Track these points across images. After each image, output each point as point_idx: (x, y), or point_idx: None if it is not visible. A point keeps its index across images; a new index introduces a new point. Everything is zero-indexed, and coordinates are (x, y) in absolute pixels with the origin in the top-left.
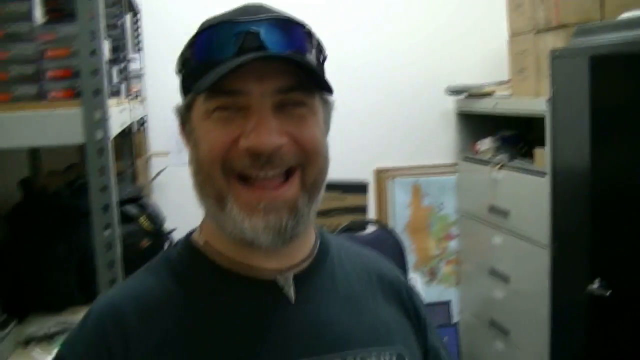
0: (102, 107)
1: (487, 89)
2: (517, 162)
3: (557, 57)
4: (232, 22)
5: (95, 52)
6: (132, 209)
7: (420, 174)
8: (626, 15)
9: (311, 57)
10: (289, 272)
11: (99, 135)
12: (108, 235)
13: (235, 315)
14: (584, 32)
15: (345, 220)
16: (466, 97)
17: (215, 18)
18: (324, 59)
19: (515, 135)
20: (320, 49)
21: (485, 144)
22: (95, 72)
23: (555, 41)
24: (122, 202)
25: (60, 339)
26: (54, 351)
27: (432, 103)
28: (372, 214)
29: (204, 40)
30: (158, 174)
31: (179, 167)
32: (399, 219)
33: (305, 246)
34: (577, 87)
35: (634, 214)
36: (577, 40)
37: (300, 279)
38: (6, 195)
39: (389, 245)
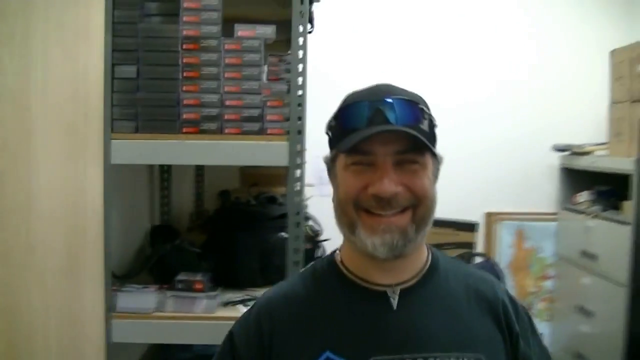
0: (302, 142)
1: (587, 148)
2: (608, 213)
3: None
4: (366, 101)
5: (301, 105)
6: None
7: (524, 219)
8: None
9: (424, 126)
10: (397, 287)
11: (298, 161)
12: (298, 230)
13: (350, 313)
14: None
15: (456, 253)
16: (569, 154)
17: (354, 96)
18: (434, 127)
19: (610, 190)
20: (431, 120)
21: (584, 197)
22: (300, 118)
23: None
24: None
25: (249, 304)
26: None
27: (539, 157)
28: (480, 250)
29: (345, 114)
30: (307, 199)
31: (319, 198)
32: (503, 257)
33: (415, 266)
34: None
35: None
36: None
37: (406, 292)
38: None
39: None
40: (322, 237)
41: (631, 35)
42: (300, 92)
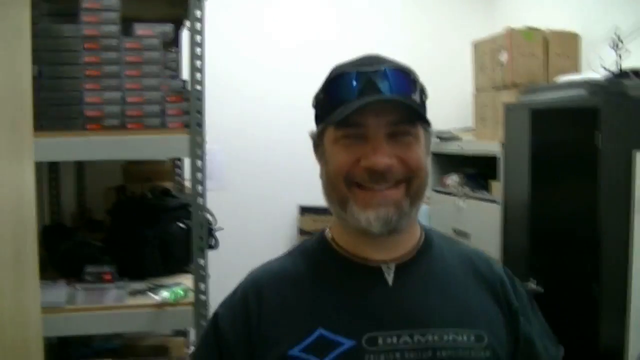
0: (202, 135)
1: (455, 134)
2: (477, 194)
3: (509, 110)
4: (356, 71)
5: (199, 99)
6: None
7: None
8: (561, 79)
9: (415, 97)
10: (392, 263)
11: (199, 152)
12: (201, 217)
13: (344, 290)
14: (529, 91)
15: None
16: (438, 140)
17: (342, 67)
18: (426, 98)
19: (477, 172)
20: (422, 91)
21: (453, 179)
22: (199, 112)
23: (509, 97)
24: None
25: (156, 291)
26: (161, 296)
27: None
28: None
29: (335, 85)
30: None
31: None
32: None
33: (409, 242)
34: (522, 135)
35: (559, 233)
36: (523, 97)
37: (401, 268)
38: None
39: None
40: (215, 228)
41: (492, 27)
42: (199, 87)
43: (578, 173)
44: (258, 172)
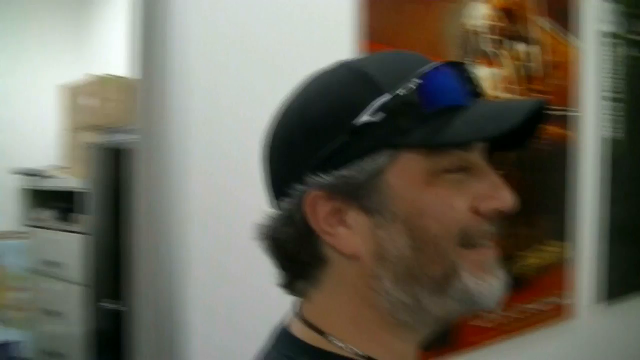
0: None
1: (45, 171)
2: (67, 226)
3: (90, 149)
4: (458, 62)
5: None
6: None
7: None
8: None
9: None
10: None
11: None
12: None
13: None
14: (108, 132)
15: None
16: (30, 177)
17: (410, 58)
18: None
19: (69, 206)
20: None
21: (46, 213)
22: None
23: (91, 137)
24: None
25: None
26: None
27: (3, 181)
28: None
29: (440, 82)
30: None
31: None
32: None
33: None
34: (104, 171)
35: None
36: (103, 138)
37: None
38: None
39: None
40: None
41: (77, 72)
42: None
43: None
44: None
